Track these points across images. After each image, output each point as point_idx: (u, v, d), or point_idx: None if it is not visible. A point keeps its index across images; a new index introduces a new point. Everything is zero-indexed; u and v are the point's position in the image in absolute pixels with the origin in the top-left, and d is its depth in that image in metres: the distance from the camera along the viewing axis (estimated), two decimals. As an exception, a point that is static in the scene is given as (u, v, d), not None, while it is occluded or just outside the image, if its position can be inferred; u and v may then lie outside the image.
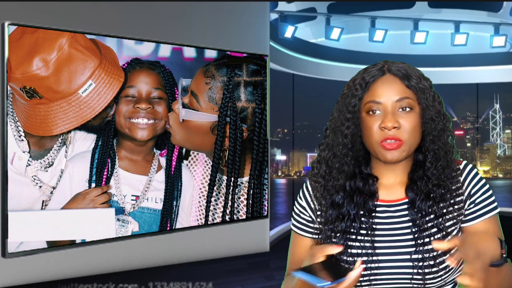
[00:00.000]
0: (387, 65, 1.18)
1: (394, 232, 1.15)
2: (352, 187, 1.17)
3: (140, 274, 4.13)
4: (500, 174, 15.25)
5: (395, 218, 1.16)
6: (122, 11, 4.21)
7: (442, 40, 7.37)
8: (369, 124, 1.13)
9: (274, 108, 4.89)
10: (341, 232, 1.15)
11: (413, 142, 1.13)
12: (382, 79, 1.15)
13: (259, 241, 4.98)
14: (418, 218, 1.13)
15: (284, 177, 13.63)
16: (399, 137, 1.10)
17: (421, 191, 1.14)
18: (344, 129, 1.17)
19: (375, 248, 1.13)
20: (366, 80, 1.16)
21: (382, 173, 1.19)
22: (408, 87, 1.13)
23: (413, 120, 1.12)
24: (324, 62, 7.25)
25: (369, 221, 1.15)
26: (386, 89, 1.13)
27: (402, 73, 1.15)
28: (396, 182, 1.19)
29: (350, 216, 1.15)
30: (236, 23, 4.83)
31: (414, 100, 1.13)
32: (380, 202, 1.18)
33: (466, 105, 8.71)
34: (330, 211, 1.17)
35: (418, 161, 1.17)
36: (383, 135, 1.11)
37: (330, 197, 1.18)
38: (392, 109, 1.12)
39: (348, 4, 7.12)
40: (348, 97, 1.18)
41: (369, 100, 1.14)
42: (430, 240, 1.12)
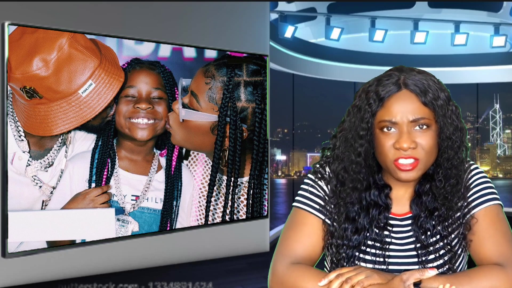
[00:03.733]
0: (403, 77, 1.09)
1: (401, 247, 1.14)
2: (367, 199, 1.13)
3: (140, 274, 4.13)
4: (500, 174, 15.25)
5: (403, 233, 1.15)
6: (122, 11, 4.21)
7: (442, 40, 7.36)
8: (383, 142, 1.08)
9: (274, 108, 4.89)
10: (355, 246, 1.12)
11: (429, 159, 1.09)
12: (397, 96, 1.08)
13: (259, 241, 4.98)
14: (421, 236, 1.11)
15: (284, 177, 13.63)
16: (415, 156, 1.06)
17: (426, 208, 1.11)
18: (357, 146, 1.12)
19: (388, 264, 1.12)
20: (380, 96, 1.08)
21: (393, 185, 1.16)
22: (425, 104, 1.07)
23: (429, 139, 1.07)
24: (324, 62, 7.25)
25: (382, 233, 1.13)
26: (402, 108, 1.06)
27: (419, 89, 1.07)
28: (405, 194, 1.17)
29: (365, 230, 1.12)
30: (236, 23, 4.82)
31: (431, 118, 1.07)
32: (391, 215, 1.16)
33: (466, 105, 8.70)
34: (344, 225, 1.12)
35: (427, 174, 1.13)
36: (397, 155, 1.07)
37: (344, 209, 1.13)
38: (408, 129, 1.06)
39: (348, 4, 7.12)
40: (361, 111, 1.11)
41: (384, 119, 1.08)
42: (435, 257, 1.11)
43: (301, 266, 1.10)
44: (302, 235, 1.15)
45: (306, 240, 1.14)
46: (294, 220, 1.18)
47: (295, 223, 1.17)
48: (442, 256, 1.11)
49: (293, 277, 1.08)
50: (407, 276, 0.98)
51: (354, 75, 7.25)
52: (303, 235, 1.15)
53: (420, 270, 0.98)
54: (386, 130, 1.08)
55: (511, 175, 15.39)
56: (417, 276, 0.97)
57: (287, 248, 1.14)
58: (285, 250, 1.13)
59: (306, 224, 1.16)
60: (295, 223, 1.17)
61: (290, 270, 1.10)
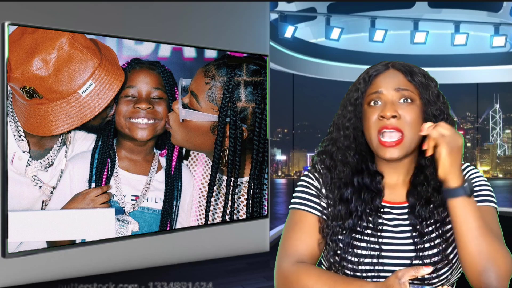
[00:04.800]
0: (392, 62, 1.19)
1: (396, 235, 1.14)
2: (360, 182, 1.15)
3: (140, 274, 4.13)
4: (500, 174, 15.25)
5: (397, 220, 1.15)
6: (122, 11, 4.21)
7: (442, 40, 7.37)
8: (369, 115, 1.13)
9: (274, 108, 4.89)
10: (349, 229, 1.13)
11: (413, 137, 1.10)
12: (385, 73, 1.16)
13: (259, 241, 4.98)
14: (418, 223, 1.12)
15: (284, 177, 13.63)
16: (399, 127, 1.09)
17: (421, 197, 1.13)
18: (345, 121, 1.17)
19: (382, 250, 1.13)
20: (369, 74, 1.17)
21: (385, 172, 1.18)
22: (410, 81, 1.13)
23: (413, 112, 1.10)
24: (324, 62, 7.25)
25: (375, 220, 1.14)
26: (388, 81, 1.13)
27: (406, 69, 1.15)
28: (399, 182, 1.18)
29: (358, 213, 1.13)
30: (236, 23, 4.82)
31: (416, 93, 1.12)
32: (384, 203, 1.17)
33: (466, 105, 8.71)
34: (339, 207, 1.15)
35: (420, 166, 1.15)
36: (381, 124, 1.10)
37: (338, 191, 1.16)
38: (392, 98, 1.11)
39: (348, 4, 7.12)
40: (352, 91, 1.19)
41: (370, 92, 1.14)
42: (430, 246, 1.11)
43: (305, 264, 1.12)
44: (302, 234, 1.16)
45: (307, 238, 1.15)
46: (292, 221, 1.19)
47: (294, 223, 1.19)
48: (437, 246, 1.11)
49: (297, 274, 1.10)
50: (402, 273, 0.98)
51: (354, 75, 7.16)
52: (303, 233, 1.16)
53: (415, 267, 0.99)
54: (373, 104, 1.13)
55: (511, 175, 15.38)
56: (412, 274, 0.98)
57: (290, 247, 1.15)
58: (289, 250, 1.15)
59: (304, 223, 1.17)
60: (294, 223, 1.18)
61: (294, 267, 1.11)
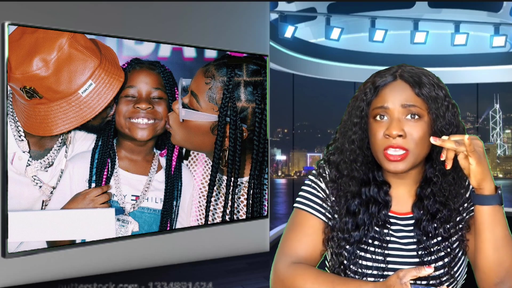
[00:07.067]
0: (400, 69, 1.12)
1: (402, 246, 1.13)
2: (367, 194, 1.13)
3: (140, 274, 4.13)
4: (500, 174, 15.25)
5: (403, 232, 1.14)
6: (122, 11, 4.21)
7: (442, 40, 7.37)
8: (375, 130, 1.09)
9: (274, 108, 4.89)
10: (355, 242, 1.12)
11: (420, 152, 1.08)
12: (392, 85, 1.10)
13: (259, 241, 4.98)
14: (424, 238, 1.11)
15: (284, 177, 13.63)
16: (404, 146, 1.06)
17: (427, 211, 1.11)
18: (351, 134, 1.14)
19: (387, 262, 1.11)
20: (376, 84, 1.11)
21: (392, 182, 1.16)
22: (418, 95, 1.07)
23: (420, 129, 1.06)
24: (324, 62, 7.25)
25: (382, 232, 1.12)
26: (394, 95, 1.08)
27: (414, 80, 1.09)
28: (405, 192, 1.16)
29: (365, 226, 1.12)
30: (236, 23, 4.82)
31: (423, 108, 1.07)
32: (391, 213, 1.15)
33: (466, 105, 8.70)
34: (345, 219, 1.13)
35: (428, 177, 1.13)
36: (387, 143, 1.07)
37: (345, 203, 1.14)
38: (398, 115, 1.07)
39: (348, 4, 7.12)
40: (357, 100, 1.14)
41: (376, 106, 1.09)
42: (435, 258, 1.10)
43: (301, 265, 1.11)
44: (303, 235, 1.15)
45: (307, 240, 1.15)
46: (295, 221, 1.19)
47: (296, 224, 1.18)
48: (442, 258, 1.10)
49: (293, 275, 1.09)
50: (403, 273, 0.97)
51: (354, 75, 7.24)
52: (304, 235, 1.15)
53: (417, 267, 0.98)
54: (379, 119, 1.09)
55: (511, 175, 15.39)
56: (414, 274, 0.97)
57: (288, 248, 1.15)
58: (287, 250, 1.14)
59: (306, 225, 1.17)
60: (296, 224, 1.18)
61: (290, 269, 1.11)
